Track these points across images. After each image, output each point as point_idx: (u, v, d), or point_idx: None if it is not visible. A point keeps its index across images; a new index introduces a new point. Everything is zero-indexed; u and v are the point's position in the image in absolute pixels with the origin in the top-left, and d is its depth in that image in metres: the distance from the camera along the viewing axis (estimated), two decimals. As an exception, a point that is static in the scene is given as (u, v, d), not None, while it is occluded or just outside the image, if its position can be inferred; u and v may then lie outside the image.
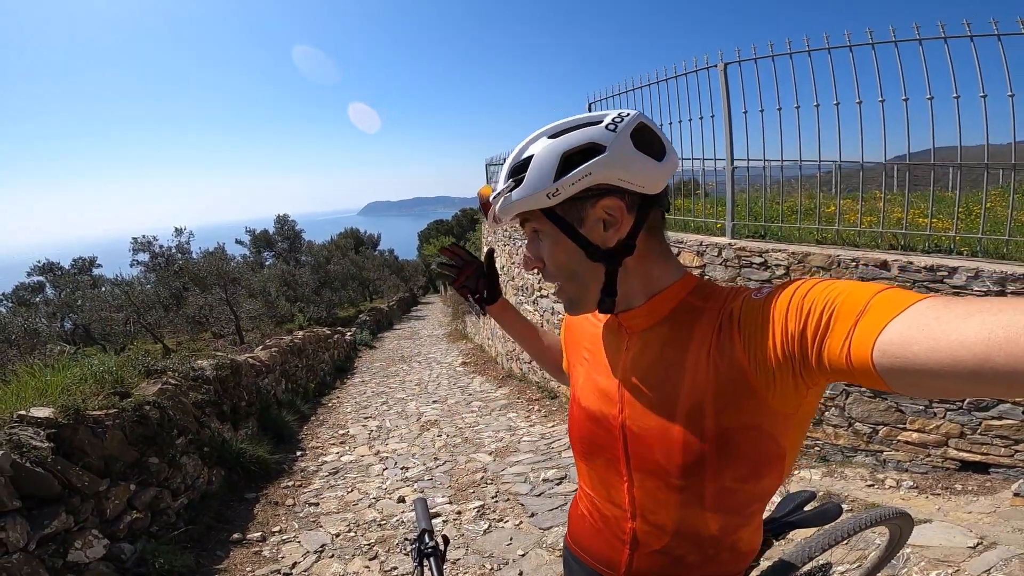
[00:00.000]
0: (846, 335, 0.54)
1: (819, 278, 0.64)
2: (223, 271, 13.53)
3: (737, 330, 0.66)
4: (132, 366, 3.91)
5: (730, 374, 0.66)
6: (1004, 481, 2.66)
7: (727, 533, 0.76)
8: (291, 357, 7.48)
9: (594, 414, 0.81)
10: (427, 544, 1.08)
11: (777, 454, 0.70)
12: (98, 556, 2.39)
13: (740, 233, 4.14)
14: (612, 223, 0.70)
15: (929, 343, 0.46)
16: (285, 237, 24.96)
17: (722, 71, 3.86)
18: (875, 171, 3.69)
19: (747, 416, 0.66)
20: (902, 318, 0.50)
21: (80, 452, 2.73)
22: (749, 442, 0.68)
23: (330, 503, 3.66)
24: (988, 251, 3.00)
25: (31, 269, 15.16)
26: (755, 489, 0.73)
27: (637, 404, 0.75)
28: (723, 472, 0.70)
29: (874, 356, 0.50)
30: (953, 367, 0.44)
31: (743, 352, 0.65)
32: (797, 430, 0.70)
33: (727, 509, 0.74)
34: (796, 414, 0.67)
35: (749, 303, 0.67)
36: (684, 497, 0.73)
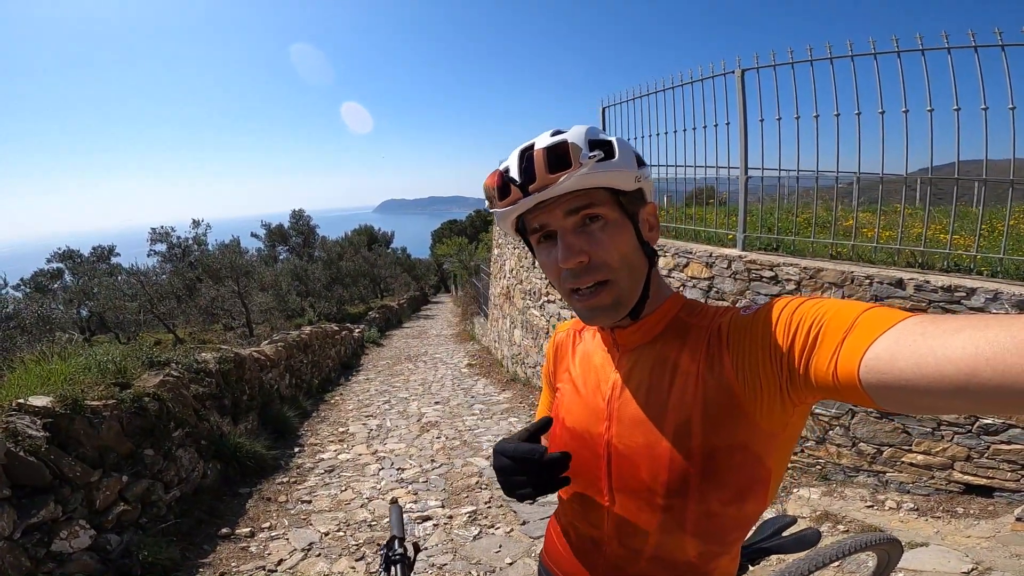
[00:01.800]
0: (833, 352, 0.54)
1: (808, 295, 0.63)
2: (237, 264, 13.67)
3: (726, 347, 0.67)
4: (136, 357, 3.93)
5: (718, 391, 0.66)
6: (1007, 505, 2.60)
7: (705, 561, 0.74)
8: (297, 353, 7.51)
9: (578, 433, 0.79)
10: (395, 551, 1.08)
11: (762, 477, 0.69)
12: (83, 546, 2.39)
13: (752, 245, 4.04)
14: (653, 227, 0.75)
15: (915, 359, 0.46)
16: (299, 232, 25.18)
17: (739, 77, 3.77)
18: (895, 184, 3.57)
19: (734, 434, 0.66)
20: (889, 335, 0.50)
21: (75, 442, 2.73)
22: (735, 463, 0.67)
23: (323, 501, 3.63)
24: (1009, 272, 2.88)
25: (51, 256, 15.47)
26: (738, 515, 0.71)
27: (625, 421, 0.74)
28: (708, 494, 0.68)
29: (860, 372, 0.50)
30: (939, 383, 0.44)
31: (731, 369, 0.65)
32: (782, 451, 0.69)
33: (708, 535, 0.72)
34: (782, 434, 0.67)
35: (737, 319, 0.67)
36: (665, 519, 0.71)
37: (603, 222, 0.69)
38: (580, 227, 0.70)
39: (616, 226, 0.70)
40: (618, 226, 0.70)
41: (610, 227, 0.69)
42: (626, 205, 0.71)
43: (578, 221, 0.69)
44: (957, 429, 2.70)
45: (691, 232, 4.76)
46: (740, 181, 4.04)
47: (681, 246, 4.32)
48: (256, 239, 24.43)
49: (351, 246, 26.55)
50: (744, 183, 4.03)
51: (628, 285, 0.71)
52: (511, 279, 9.06)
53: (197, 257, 15.93)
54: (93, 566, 2.39)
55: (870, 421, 2.96)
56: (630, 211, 0.71)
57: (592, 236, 0.69)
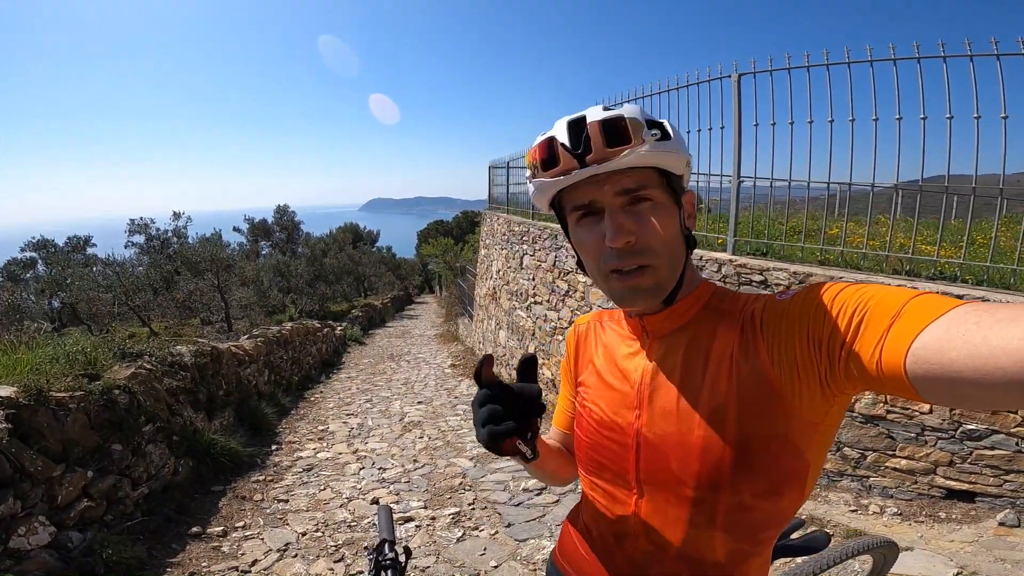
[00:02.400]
0: (878, 340, 0.51)
1: (849, 281, 0.58)
2: (217, 257, 13.36)
3: (760, 333, 0.65)
4: (107, 348, 3.77)
5: (753, 378, 0.64)
6: (989, 510, 2.61)
7: (735, 562, 0.70)
8: (277, 348, 7.34)
9: (607, 423, 0.77)
10: (386, 555, 1.00)
11: (800, 469, 0.65)
12: (42, 543, 2.27)
13: (741, 250, 4.04)
14: (691, 214, 0.74)
15: (968, 349, 0.43)
16: (283, 228, 24.80)
17: (735, 82, 3.77)
18: (885, 195, 3.60)
19: (772, 423, 0.63)
20: (939, 323, 0.47)
21: (38, 435, 2.60)
22: (772, 453, 0.64)
23: (300, 501, 3.52)
24: (994, 281, 2.91)
25: (24, 245, 14.94)
26: (772, 508, 0.67)
27: (656, 409, 0.71)
28: (741, 485, 0.65)
29: (907, 362, 0.48)
30: (993, 374, 0.41)
31: (767, 356, 0.63)
32: (821, 443, 0.66)
33: (739, 530, 0.68)
34: (822, 423, 0.64)
35: (773, 304, 0.65)
36: (695, 512, 0.68)
37: (652, 204, 0.67)
38: (628, 206, 0.67)
39: (664, 209, 0.68)
40: (666, 210, 0.68)
41: (658, 210, 0.68)
42: (675, 189, 0.70)
43: (628, 200, 0.67)
44: (940, 434, 2.71)
45: (680, 236, 4.75)
46: (732, 186, 4.04)
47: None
48: (238, 233, 24.02)
49: (335, 243, 26.22)
50: (736, 188, 4.03)
51: (668, 270, 0.69)
52: (498, 280, 9.00)
53: (176, 250, 15.55)
54: (52, 564, 2.26)
55: (854, 426, 2.96)
56: (677, 195, 0.70)
57: (641, 217, 0.67)
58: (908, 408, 2.79)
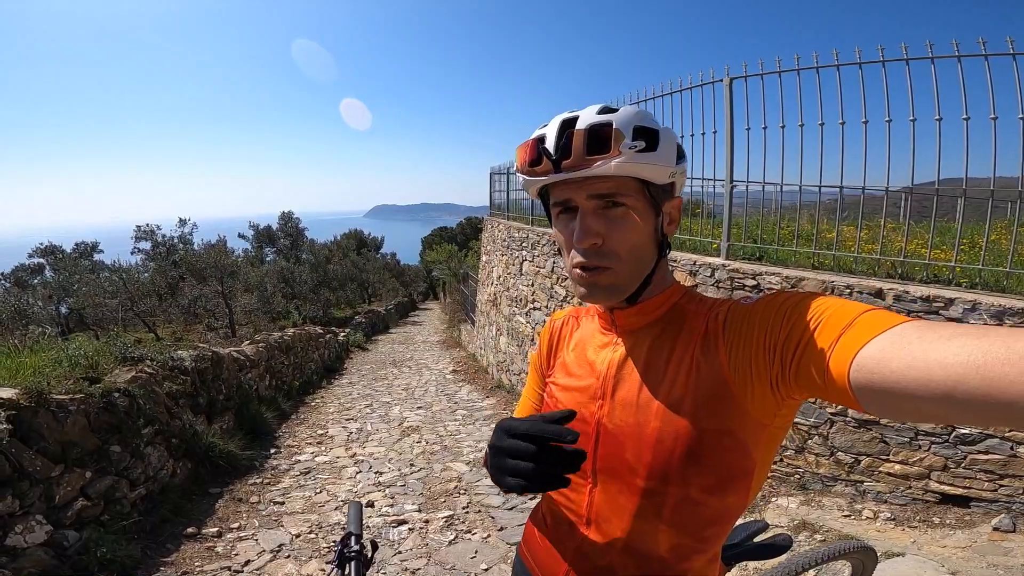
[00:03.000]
0: (827, 348, 0.54)
1: (811, 291, 0.63)
2: (222, 264, 13.49)
3: (722, 335, 0.67)
4: (109, 352, 3.83)
5: (710, 376, 0.67)
6: (984, 515, 2.60)
7: (679, 558, 0.72)
8: (278, 353, 7.39)
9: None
10: (351, 548, 1.03)
11: (747, 467, 0.68)
12: (38, 542, 2.30)
13: (736, 254, 4.06)
14: (673, 221, 0.75)
15: (907, 360, 0.45)
16: (288, 234, 24.98)
17: (727, 86, 3.80)
18: (877, 200, 3.61)
19: (724, 420, 0.66)
20: (885, 336, 0.49)
21: (38, 436, 2.64)
22: (721, 448, 0.66)
23: (296, 503, 3.54)
24: (988, 283, 2.91)
25: (32, 251, 15.17)
26: (719, 505, 0.69)
27: (617, 400, 0.74)
28: (690, 478, 0.68)
29: (851, 371, 0.50)
30: (927, 387, 0.43)
31: (725, 355, 0.66)
32: (769, 444, 0.69)
33: (684, 525, 0.70)
34: (771, 425, 0.66)
35: (737, 308, 0.68)
36: (643, 503, 0.71)
37: (625, 210, 0.69)
38: (602, 209, 0.70)
39: (637, 216, 0.70)
40: (639, 217, 0.70)
41: (631, 217, 0.69)
42: (655, 197, 0.71)
43: (601, 204, 0.69)
44: (934, 439, 2.70)
45: (675, 240, 4.77)
46: (725, 190, 4.06)
47: (666, 254, 4.33)
48: (243, 240, 24.22)
49: (340, 250, 26.39)
50: (730, 192, 4.05)
51: (628, 276, 0.71)
52: (498, 286, 9.03)
53: (181, 256, 15.71)
54: (48, 561, 2.30)
55: (848, 431, 2.95)
56: (656, 204, 0.71)
57: (611, 222, 0.69)
58: (900, 411, 2.78)
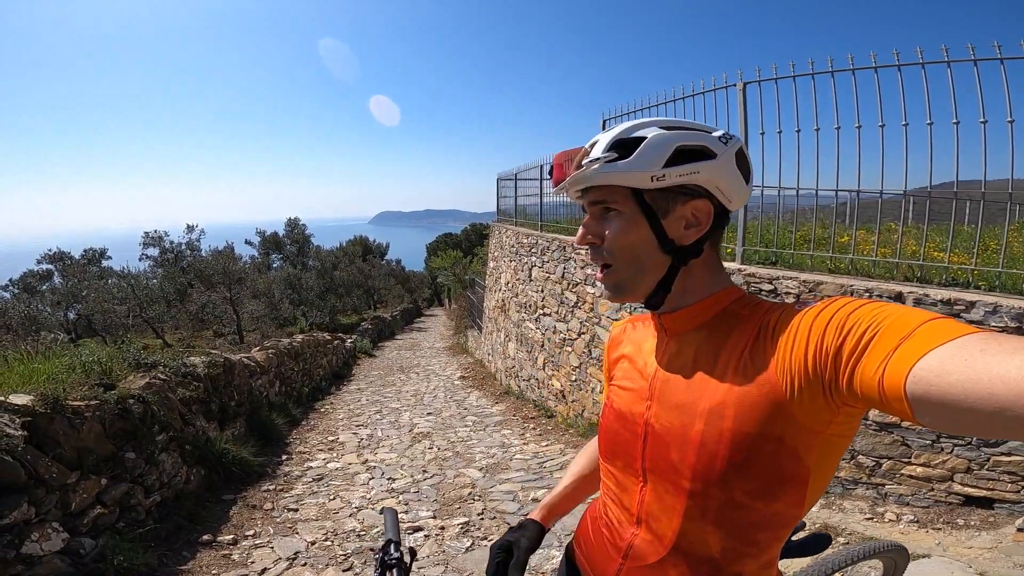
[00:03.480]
0: (884, 358, 0.52)
1: (868, 299, 0.60)
2: (229, 270, 13.55)
3: (771, 339, 0.66)
4: (122, 358, 3.83)
5: (758, 380, 0.66)
6: (1008, 516, 2.57)
7: (729, 560, 0.71)
8: (287, 360, 7.40)
9: (623, 413, 0.82)
10: (391, 555, 1.02)
11: (798, 474, 0.65)
12: (54, 549, 2.29)
13: (750, 259, 4.03)
14: (694, 224, 0.74)
15: (968, 374, 0.44)
16: (294, 240, 25.07)
17: (741, 90, 3.79)
18: (894, 203, 3.58)
19: (768, 424, 0.64)
20: (947, 347, 0.47)
21: (53, 442, 2.64)
22: (766, 453, 0.65)
23: (310, 510, 3.52)
24: (1007, 286, 2.88)
25: (41, 257, 15.27)
26: (766, 510, 0.68)
27: (664, 402, 0.75)
28: (733, 481, 0.67)
29: (908, 382, 0.48)
30: (987, 402, 0.42)
31: (773, 360, 0.65)
32: (826, 451, 0.66)
33: (731, 528, 0.69)
34: (825, 432, 0.64)
35: (789, 313, 0.67)
36: (691, 504, 0.70)
37: (616, 214, 0.75)
38: (600, 214, 0.77)
39: (627, 220, 0.74)
40: (629, 220, 0.74)
41: (621, 219, 0.74)
42: (650, 201, 0.73)
43: (598, 210, 0.77)
44: (957, 441, 2.67)
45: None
46: (739, 194, 4.04)
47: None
48: (250, 246, 24.32)
49: (345, 256, 26.45)
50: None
51: (629, 276, 0.76)
52: (507, 292, 9.02)
53: (189, 262, 15.79)
54: (63, 569, 2.28)
55: (869, 434, 2.92)
56: (653, 207, 0.73)
57: (605, 223, 0.76)
58: (923, 416, 2.76)
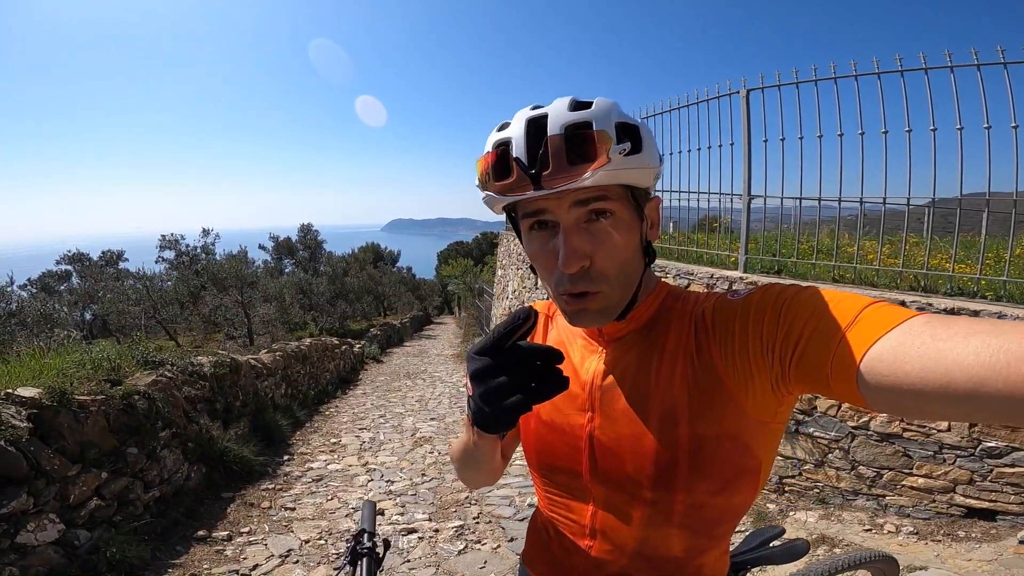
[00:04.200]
0: (830, 347, 0.51)
1: (804, 284, 0.58)
2: (242, 274, 13.75)
3: (712, 333, 0.63)
4: (131, 356, 3.91)
5: (705, 378, 0.63)
6: (1010, 529, 2.52)
7: (692, 556, 0.70)
8: (294, 363, 7.45)
9: (558, 425, 0.74)
10: (363, 544, 1.02)
11: (752, 466, 0.65)
12: (49, 540, 2.32)
13: (753, 268, 4.01)
14: (654, 223, 0.68)
15: (923, 362, 0.43)
16: (307, 246, 25.37)
17: (744, 97, 3.80)
18: (899, 214, 3.54)
19: (722, 423, 0.62)
20: (894, 334, 0.47)
21: (58, 435, 2.69)
22: (724, 452, 0.63)
23: (307, 509, 3.54)
24: (1013, 296, 2.83)
25: (60, 258, 15.65)
26: (726, 505, 0.67)
27: (608, 412, 0.69)
28: (695, 484, 0.65)
29: (860, 372, 0.47)
30: (946, 389, 0.42)
31: (719, 356, 0.62)
32: (771, 440, 0.66)
33: (696, 527, 0.68)
34: (772, 422, 0.64)
35: (724, 304, 0.64)
36: (651, 512, 0.67)
37: (612, 219, 0.61)
38: (585, 222, 0.61)
39: (624, 226, 0.62)
40: (626, 226, 0.62)
41: (618, 227, 0.62)
42: (639, 202, 0.64)
43: (584, 215, 0.60)
44: (960, 452, 2.62)
45: (693, 254, 4.73)
46: (743, 202, 4.03)
47: (683, 267, 4.30)
48: (263, 251, 24.64)
49: (357, 263, 26.72)
50: (747, 204, 4.02)
51: (619, 297, 0.65)
52: (513, 300, 9.03)
53: (204, 265, 16.05)
54: (56, 560, 2.32)
55: (870, 444, 2.87)
56: (640, 208, 0.64)
57: (597, 236, 0.61)
58: (925, 426, 2.71)
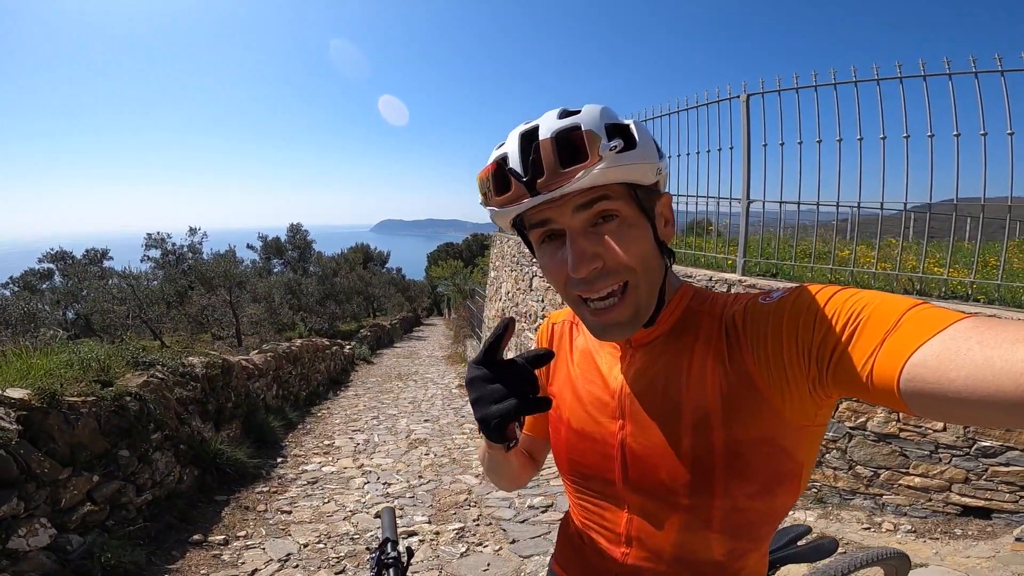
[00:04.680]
0: (871, 352, 0.49)
1: (840, 286, 0.56)
2: (230, 274, 13.57)
3: (744, 337, 0.62)
4: (120, 356, 3.82)
5: (739, 382, 0.61)
6: (1006, 527, 2.56)
7: (733, 559, 0.68)
8: (286, 364, 7.37)
9: (589, 434, 0.73)
10: (388, 554, 0.99)
11: (792, 470, 0.63)
12: (41, 545, 2.26)
13: (751, 271, 4.04)
14: (668, 221, 0.67)
15: (970, 369, 0.42)
16: (296, 246, 25.10)
17: (744, 102, 3.83)
18: (894, 219, 3.60)
19: (758, 427, 0.61)
20: (939, 339, 0.45)
21: (47, 437, 2.62)
22: (761, 456, 0.61)
23: (304, 512, 3.49)
24: (1005, 299, 2.89)
25: (42, 256, 15.29)
26: (767, 508, 0.65)
27: (640, 419, 0.68)
28: (733, 490, 0.63)
29: (902, 379, 0.46)
30: (993, 397, 0.40)
31: (753, 360, 0.60)
32: (812, 442, 0.64)
33: (737, 531, 0.66)
34: (811, 425, 0.62)
35: (757, 307, 0.62)
36: (689, 518, 0.66)
37: (619, 220, 0.61)
38: (591, 226, 0.61)
39: (632, 225, 0.61)
40: (635, 225, 0.62)
41: (626, 226, 0.61)
42: (643, 200, 0.62)
43: (589, 218, 0.60)
44: (955, 452, 2.67)
45: (691, 257, 4.76)
46: (742, 206, 4.06)
47: (681, 270, 4.32)
48: (252, 250, 24.32)
49: (346, 263, 26.51)
50: (746, 208, 4.05)
51: (647, 291, 0.63)
52: (507, 302, 9.02)
53: (191, 265, 15.80)
54: (49, 566, 2.25)
55: (867, 444, 2.91)
56: (647, 207, 0.63)
57: (606, 238, 0.61)
58: (921, 426, 2.75)
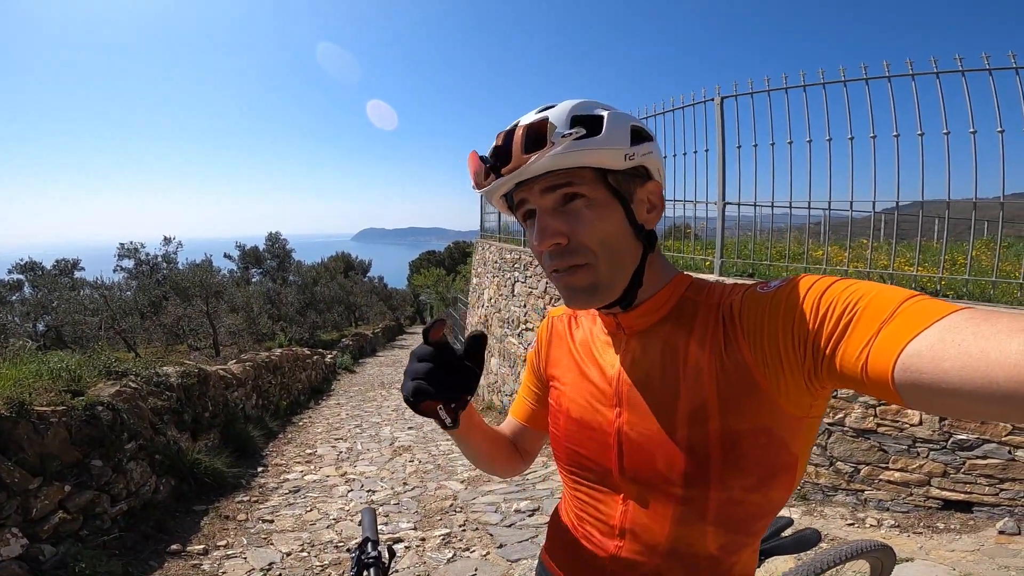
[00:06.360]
0: (866, 342, 0.49)
1: (837, 276, 0.57)
2: (207, 283, 13.30)
3: (740, 327, 0.62)
4: (92, 366, 3.72)
5: (736, 372, 0.62)
6: (988, 520, 2.61)
7: (727, 553, 0.68)
8: (265, 373, 7.24)
9: (587, 423, 0.74)
10: (368, 554, 0.97)
11: (788, 462, 0.64)
12: (13, 555, 2.19)
13: (728, 271, 4.12)
14: (653, 207, 0.69)
15: (963, 360, 0.42)
16: (275, 255, 24.71)
17: (719, 105, 3.91)
18: (866, 220, 3.70)
19: (755, 417, 0.61)
20: (933, 330, 0.45)
21: (17, 447, 2.54)
22: (758, 447, 0.62)
23: (286, 521, 3.42)
24: (974, 295, 2.99)
25: (12, 267, 14.81)
26: (763, 500, 0.65)
27: (637, 408, 0.69)
28: (729, 481, 0.63)
29: (896, 370, 0.46)
30: (986, 389, 0.40)
31: (749, 350, 0.61)
32: (808, 434, 0.64)
33: (732, 524, 0.66)
34: (807, 416, 0.62)
35: (754, 297, 0.62)
36: (684, 510, 0.66)
37: (586, 201, 0.64)
38: (559, 206, 0.65)
39: (600, 206, 0.64)
40: (603, 206, 0.65)
41: (593, 207, 0.64)
42: (616, 184, 0.65)
43: (557, 199, 0.65)
44: (932, 446, 2.73)
45: (670, 259, 4.83)
46: (718, 208, 4.14)
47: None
48: (229, 260, 23.86)
49: (327, 272, 26.17)
50: (722, 209, 4.13)
51: (607, 270, 0.65)
52: (489, 308, 9.01)
53: (166, 274, 15.44)
54: (21, 575, 2.18)
55: (846, 440, 2.97)
56: (620, 191, 0.65)
57: (571, 216, 0.64)
58: (898, 420, 2.81)
